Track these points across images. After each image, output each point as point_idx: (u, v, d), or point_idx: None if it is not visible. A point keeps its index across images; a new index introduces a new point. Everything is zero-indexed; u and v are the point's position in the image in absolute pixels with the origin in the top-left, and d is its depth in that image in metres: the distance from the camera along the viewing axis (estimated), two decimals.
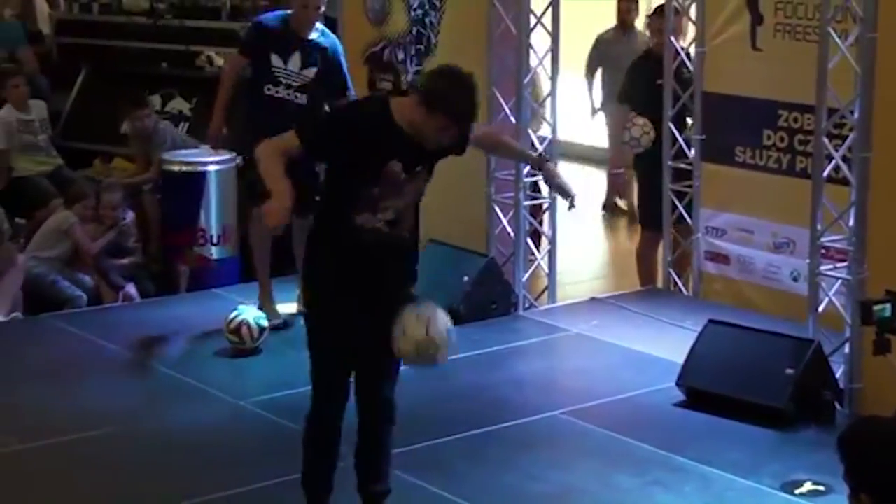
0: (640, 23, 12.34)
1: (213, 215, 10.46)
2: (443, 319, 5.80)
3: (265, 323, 8.84)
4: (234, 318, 8.75)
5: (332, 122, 6.02)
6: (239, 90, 9.25)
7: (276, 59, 8.99)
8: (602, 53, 12.15)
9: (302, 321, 9.31)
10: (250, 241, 9.63)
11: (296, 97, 9.05)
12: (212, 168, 10.46)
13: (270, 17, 9.42)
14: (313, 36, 9.12)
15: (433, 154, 5.97)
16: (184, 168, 10.54)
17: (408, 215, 6.00)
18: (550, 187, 6.59)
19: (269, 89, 9.02)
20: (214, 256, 10.49)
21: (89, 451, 7.48)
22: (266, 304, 9.29)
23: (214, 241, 10.48)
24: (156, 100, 11.73)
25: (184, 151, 10.80)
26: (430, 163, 6.02)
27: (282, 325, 9.24)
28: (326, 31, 9.30)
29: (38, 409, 8.08)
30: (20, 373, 8.68)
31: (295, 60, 9.03)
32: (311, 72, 9.07)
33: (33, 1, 13.79)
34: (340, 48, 9.32)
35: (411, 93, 5.87)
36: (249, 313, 8.80)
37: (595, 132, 10.92)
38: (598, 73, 12.31)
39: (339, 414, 5.97)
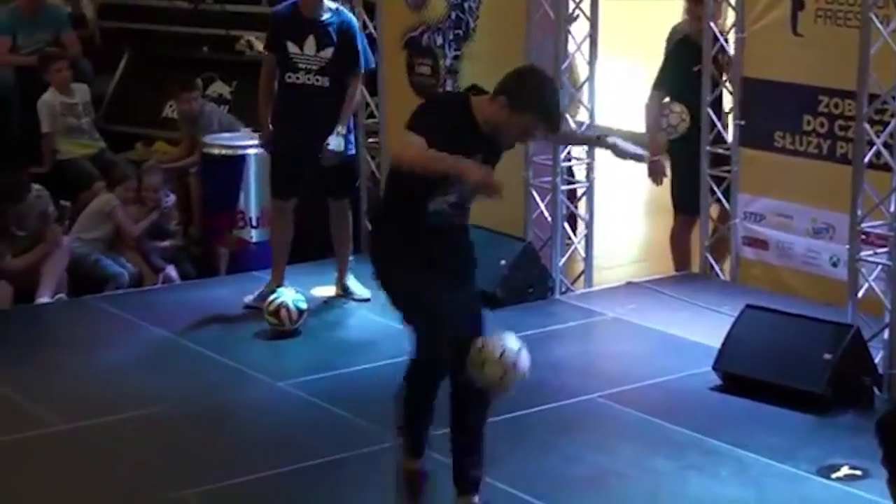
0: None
1: (252, 198, 10.51)
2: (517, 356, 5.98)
3: (304, 305, 8.86)
4: (273, 301, 8.80)
5: (433, 117, 6.05)
6: None
7: (292, 47, 9.00)
8: None
9: (342, 304, 9.43)
10: (272, 236, 9.69)
11: (316, 80, 9.06)
12: (251, 152, 10.48)
13: (282, 7, 9.43)
14: (325, 16, 9.11)
15: (497, 153, 6.10)
16: (224, 151, 10.60)
17: (471, 202, 6.12)
18: (623, 158, 6.54)
19: (289, 77, 9.06)
20: (254, 239, 10.54)
21: (130, 432, 7.54)
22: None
23: (254, 223, 10.54)
24: (199, 82, 11.74)
25: (225, 135, 10.85)
26: (499, 157, 6.14)
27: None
28: (341, 8, 9.33)
29: (80, 390, 8.15)
30: (64, 353, 8.74)
31: (310, 44, 9.03)
32: (328, 52, 9.06)
33: None
34: (355, 24, 9.32)
35: (494, 95, 5.88)
36: (288, 295, 8.83)
37: (633, 118, 10.85)
38: None
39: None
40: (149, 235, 10.37)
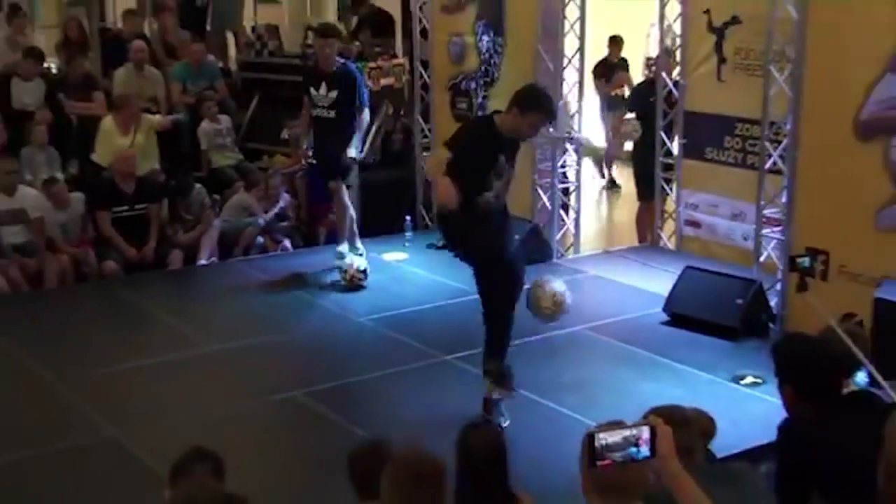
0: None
1: None
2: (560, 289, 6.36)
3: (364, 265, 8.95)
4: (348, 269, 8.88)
5: (469, 140, 6.18)
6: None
7: (312, 91, 8.80)
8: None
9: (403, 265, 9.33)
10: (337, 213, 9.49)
11: (327, 113, 8.77)
12: None
13: (309, 64, 9.40)
14: (334, 69, 8.78)
15: (516, 148, 6.28)
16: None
17: (504, 190, 6.25)
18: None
19: (313, 111, 8.85)
20: None
21: (260, 351, 7.62)
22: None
23: None
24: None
25: None
26: (516, 151, 6.32)
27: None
28: (347, 63, 9.10)
29: (226, 322, 8.26)
30: (215, 298, 8.82)
31: (322, 88, 8.75)
32: (334, 94, 8.72)
33: (227, 48, 13.88)
34: (356, 74, 9.00)
35: (509, 109, 6.12)
36: (357, 261, 8.92)
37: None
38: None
39: None
40: (274, 218, 10.40)
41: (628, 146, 10.48)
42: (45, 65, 11.35)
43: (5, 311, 8.58)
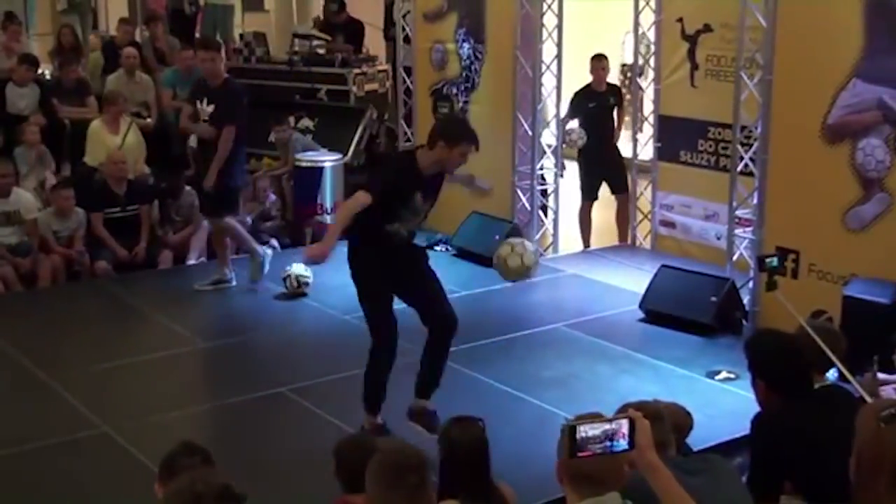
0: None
1: (327, 195, 10.42)
2: (529, 247, 6.28)
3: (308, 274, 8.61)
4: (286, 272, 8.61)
5: (385, 178, 5.86)
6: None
7: (199, 104, 8.49)
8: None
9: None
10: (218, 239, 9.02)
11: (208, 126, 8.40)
12: (327, 164, 10.47)
13: (197, 77, 9.05)
14: (217, 84, 8.46)
15: (438, 185, 5.89)
16: (308, 164, 10.54)
17: (416, 224, 5.93)
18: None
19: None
20: (328, 221, 10.40)
21: (246, 348, 7.62)
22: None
23: (328, 211, 10.45)
24: (291, 119, 11.74)
25: (309, 153, 10.77)
26: (438, 190, 5.92)
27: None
28: (229, 78, 8.76)
29: (214, 320, 8.24)
30: (202, 296, 8.71)
31: (206, 103, 8.44)
32: (211, 107, 8.40)
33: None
34: (236, 91, 8.64)
35: (432, 145, 5.72)
36: (296, 269, 8.62)
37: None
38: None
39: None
40: (259, 219, 10.41)
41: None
42: (39, 71, 11.29)
43: (0, 309, 8.52)
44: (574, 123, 9.86)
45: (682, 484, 2.96)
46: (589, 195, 10.17)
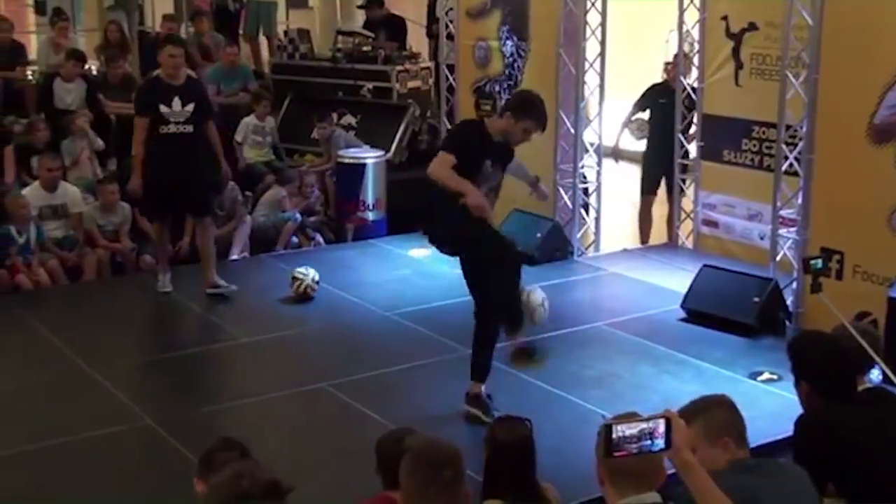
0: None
1: (369, 191, 10.49)
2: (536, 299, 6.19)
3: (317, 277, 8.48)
4: (298, 286, 8.40)
5: (458, 139, 6.02)
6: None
7: (163, 107, 8.08)
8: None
9: (428, 261, 9.24)
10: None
11: (184, 129, 8.14)
12: (369, 161, 10.52)
13: (148, 78, 8.79)
14: (183, 81, 8.27)
15: (507, 156, 6.06)
16: (351, 161, 10.60)
17: (492, 198, 6.05)
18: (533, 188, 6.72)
19: (163, 128, 8.10)
20: (370, 218, 10.52)
21: (289, 343, 7.63)
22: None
23: (370, 207, 10.52)
24: (334, 116, 11.79)
25: (352, 150, 10.83)
26: (508, 158, 6.09)
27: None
28: (191, 74, 8.74)
29: (257, 315, 8.20)
30: (246, 291, 8.69)
31: (176, 103, 8.11)
32: (191, 107, 8.16)
33: (259, 50, 13.93)
34: (202, 86, 8.77)
35: (502, 113, 5.93)
36: (308, 278, 8.43)
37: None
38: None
39: None
40: (304, 214, 10.48)
41: (639, 146, 10.36)
42: (86, 66, 11.40)
43: (45, 302, 8.63)
44: (643, 116, 9.87)
45: (745, 485, 2.95)
46: (649, 189, 10.16)
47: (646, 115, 10.01)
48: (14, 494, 5.46)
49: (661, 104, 9.92)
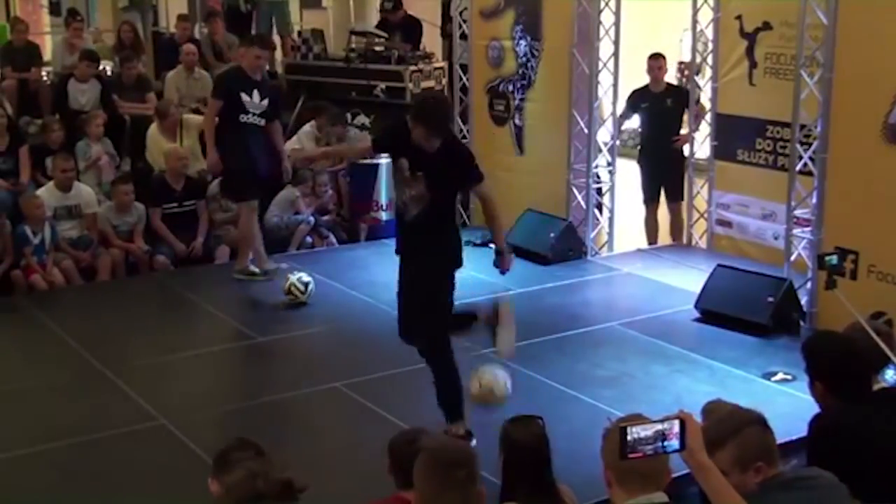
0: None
1: (382, 191, 10.46)
2: (495, 377, 5.71)
3: (307, 279, 8.43)
4: (284, 283, 8.37)
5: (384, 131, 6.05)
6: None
7: (244, 96, 8.49)
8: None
9: None
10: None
11: (258, 121, 8.55)
12: (383, 161, 10.35)
13: (234, 68, 9.05)
14: (261, 78, 8.71)
15: (433, 167, 5.58)
16: (364, 161, 10.61)
17: (416, 207, 5.66)
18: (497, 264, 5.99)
19: (241, 118, 8.50)
20: (383, 218, 10.49)
21: (302, 342, 7.67)
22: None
23: (383, 208, 10.50)
24: (347, 116, 11.78)
25: None
26: (429, 174, 5.59)
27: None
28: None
29: (270, 315, 8.22)
30: (259, 290, 8.74)
31: (255, 95, 8.52)
32: (266, 102, 8.58)
33: (274, 51, 13.90)
34: (276, 86, 8.96)
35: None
36: (293, 277, 8.42)
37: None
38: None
39: None
40: (317, 214, 10.44)
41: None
42: (100, 67, 11.42)
43: (60, 302, 8.66)
44: (633, 123, 9.83)
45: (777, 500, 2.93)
46: (649, 198, 10.11)
47: (635, 122, 9.94)
48: (29, 494, 5.48)
49: (644, 108, 9.90)
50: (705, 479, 2.95)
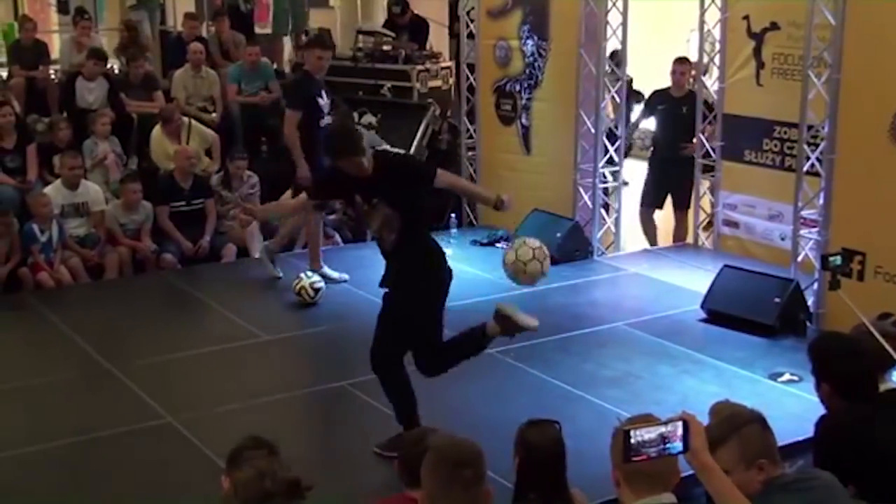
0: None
1: None
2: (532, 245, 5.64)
3: (320, 284, 8.43)
4: (295, 284, 8.37)
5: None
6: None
7: (320, 100, 8.44)
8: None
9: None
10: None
11: (330, 121, 8.50)
12: None
13: (303, 74, 8.91)
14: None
15: (381, 187, 5.51)
16: None
17: (385, 232, 5.63)
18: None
19: (321, 121, 8.42)
20: None
21: (306, 341, 7.71)
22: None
23: None
24: (354, 115, 11.79)
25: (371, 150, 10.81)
26: (383, 194, 5.52)
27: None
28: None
29: (276, 314, 8.22)
30: (265, 290, 8.76)
31: (324, 96, 8.51)
32: (329, 101, 8.59)
33: (282, 50, 13.95)
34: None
35: None
36: (306, 280, 8.39)
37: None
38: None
39: None
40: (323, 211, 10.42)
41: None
42: (108, 65, 11.45)
43: (67, 300, 8.68)
44: (648, 124, 9.83)
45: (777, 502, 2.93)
46: (649, 201, 10.08)
47: (651, 123, 9.94)
48: (34, 492, 5.49)
49: (660, 110, 9.90)
50: (709, 479, 2.96)
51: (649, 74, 9.98)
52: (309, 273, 8.55)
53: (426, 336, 5.74)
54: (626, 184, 10.21)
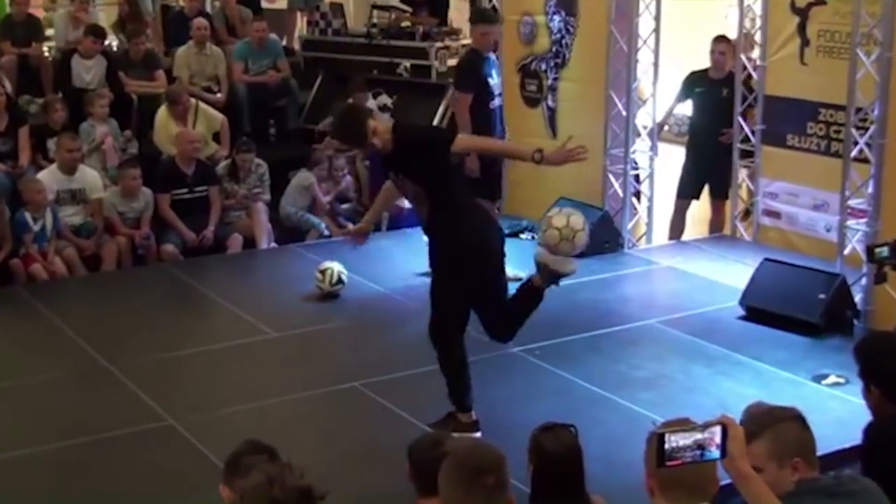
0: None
1: None
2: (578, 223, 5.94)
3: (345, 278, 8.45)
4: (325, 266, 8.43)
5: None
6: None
7: (490, 80, 8.49)
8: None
9: None
10: None
11: (501, 102, 8.61)
12: None
13: (471, 52, 8.88)
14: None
15: (402, 163, 5.79)
16: None
17: (417, 206, 5.92)
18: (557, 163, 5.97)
19: (492, 103, 8.47)
20: (405, 206, 10.49)
21: (316, 338, 7.70)
22: None
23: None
24: (368, 96, 11.80)
25: None
26: (405, 170, 5.80)
27: None
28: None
29: (284, 309, 8.23)
30: (273, 282, 8.83)
31: (495, 75, 8.61)
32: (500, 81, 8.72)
33: (294, 25, 13.96)
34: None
35: None
36: (338, 266, 8.44)
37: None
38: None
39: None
40: (336, 200, 10.44)
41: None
42: (106, 42, 11.47)
43: (63, 294, 8.72)
44: (684, 108, 9.78)
45: None
46: (684, 193, 10.05)
47: (688, 107, 9.89)
48: (32, 494, 5.52)
49: (697, 93, 9.86)
50: (747, 488, 2.96)
51: (685, 53, 9.91)
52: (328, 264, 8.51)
53: (486, 304, 5.97)
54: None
